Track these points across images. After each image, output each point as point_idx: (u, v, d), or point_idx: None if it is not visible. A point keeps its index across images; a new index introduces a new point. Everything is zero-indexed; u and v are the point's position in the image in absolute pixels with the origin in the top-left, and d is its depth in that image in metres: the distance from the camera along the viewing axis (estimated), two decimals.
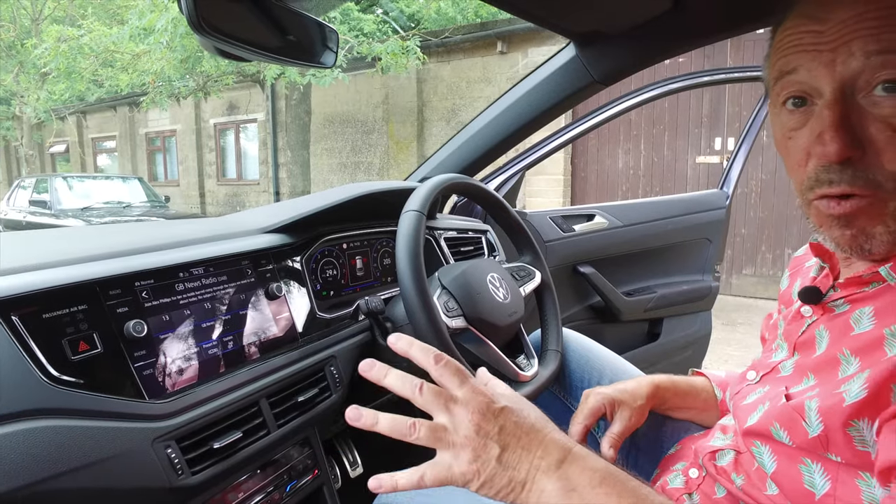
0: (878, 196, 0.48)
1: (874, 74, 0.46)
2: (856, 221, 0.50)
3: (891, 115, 0.46)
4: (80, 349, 0.62)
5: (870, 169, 0.47)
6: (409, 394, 0.53)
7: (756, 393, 0.67)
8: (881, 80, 0.46)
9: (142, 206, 7.75)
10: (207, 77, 8.26)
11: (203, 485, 0.69)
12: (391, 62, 6.81)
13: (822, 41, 0.48)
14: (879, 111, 0.46)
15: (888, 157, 0.46)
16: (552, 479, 0.49)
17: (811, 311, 0.62)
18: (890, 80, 0.45)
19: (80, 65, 8.30)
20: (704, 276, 1.98)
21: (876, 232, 0.50)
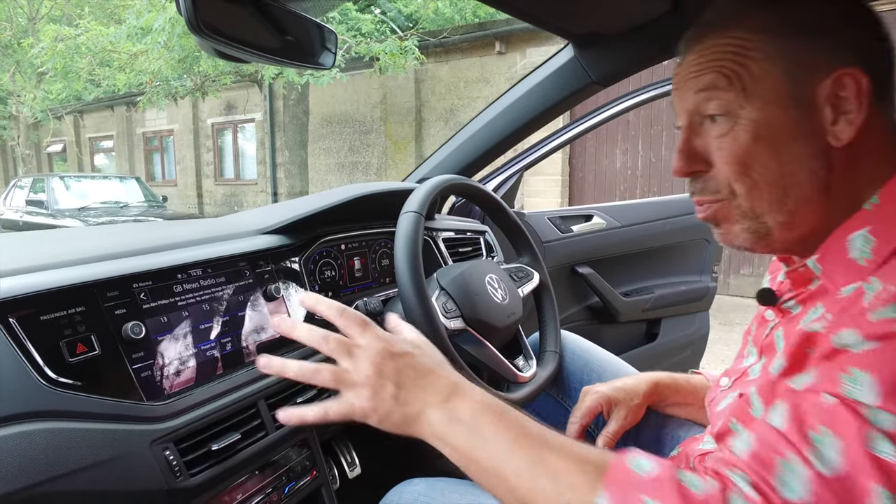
0: (723, 202, 0.58)
1: (703, 107, 0.57)
2: (719, 223, 0.60)
3: (717, 135, 0.56)
4: (77, 351, 0.62)
5: (713, 180, 0.58)
6: (316, 343, 0.59)
7: (727, 398, 0.68)
8: (708, 112, 0.56)
9: (139, 206, 7.73)
10: (205, 77, 8.25)
11: (201, 487, 0.69)
12: (389, 62, 6.81)
13: (678, 80, 0.60)
14: (712, 133, 0.57)
15: (720, 169, 0.56)
16: (438, 411, 0.55)
17: (773, 315, 0.65)
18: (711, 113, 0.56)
19: (77, 64, 8.28)
20: (702, 277, 1.98)
21: (736, 230, 0.58)
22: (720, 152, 0.56)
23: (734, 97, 0.54)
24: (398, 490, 0.81)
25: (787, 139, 0.54)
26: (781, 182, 0.54)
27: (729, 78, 0.54)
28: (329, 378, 0.57)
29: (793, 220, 0.56)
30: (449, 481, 0.80)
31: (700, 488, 0.45)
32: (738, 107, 0.54)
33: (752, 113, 0.54)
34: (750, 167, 0.55)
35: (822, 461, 0.42)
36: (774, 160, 0.54)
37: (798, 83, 0.53)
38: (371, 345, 0.58)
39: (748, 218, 0.57)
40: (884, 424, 0.40)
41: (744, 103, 0.54)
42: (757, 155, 0.54)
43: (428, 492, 0.78)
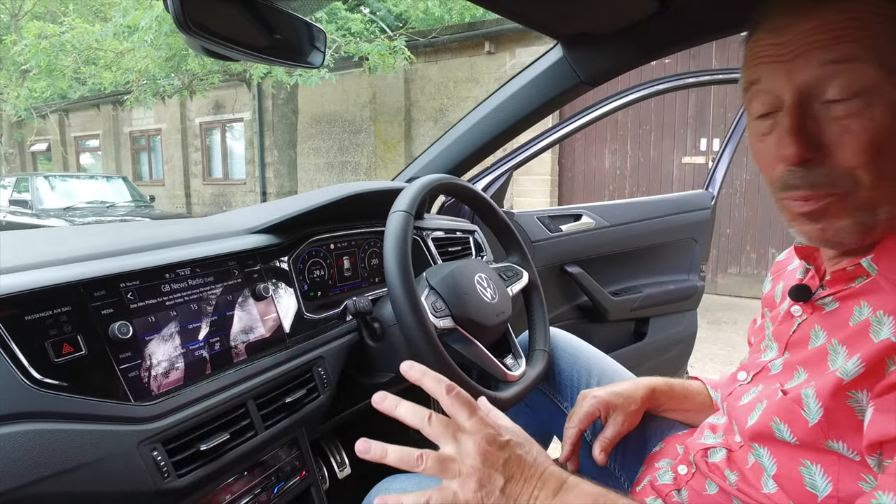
0: (839, 195, 0.52)
1: (829, 82, 0.49)
2: (823, 217, 0.54)
3: (843, 117, 0.49)
4: (63, 351, 0.62)
5: (830, 169, 0.51)
6: (419, 424, 0.55)
7: (750, 393, 0.67)
8: (831, 90, 0.49)
9: (126, 205, 7.64)
10: (193, 76, 8.17)
11: (190, 487, 0.69)
12: (378, 62, 6.79)
13: (781, 52, 0.52)
14: (834, 115, 0.50)
15: (843, 156, 0.50)
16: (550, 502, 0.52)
17: (801, 311, 0.64)
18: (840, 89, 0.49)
19: (61, 62, 8.17)
20: (690, 276, 2.00)
21: (843, 225, 0.53)
22: (847, 137, 0.50)
23: (875, 72, 0.48)
24: (384, 486, 0.80)
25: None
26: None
27: (875, 49, 0.48)
28: (434, 465, 0.54)
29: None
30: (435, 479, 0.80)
31: None
32: (878, 83, 0.48)
33: (892, 93, 0.48)
34: (882, 154, 0.49)
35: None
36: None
37: None
38: (478, 430, 0.54)
39: (863, 210, 0.52)
40: None
41: (886, 82, 0.48)
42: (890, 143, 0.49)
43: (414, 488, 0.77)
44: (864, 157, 0.50)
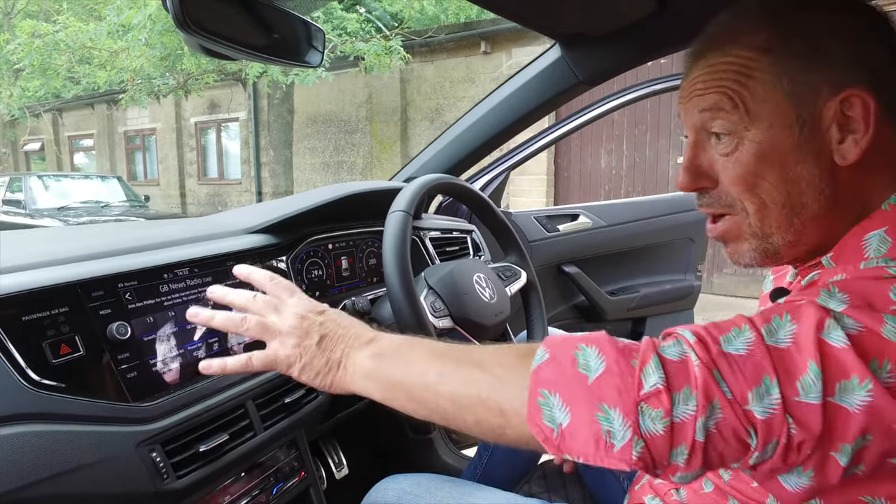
0: (736, 218, 0.58)
1: (708, 125, 0.56)
2: (728, 240, 0.60)
3: (723, 154, 0.56)
4: (61, 352, 0.61)
5: (723, 196, 0.57)
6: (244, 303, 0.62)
7: None
8: (713, 130, 0.56)
9: (121, 205, 7.60)
10: (188, 75, 8.14)
11: (189, 489, 0.68)
12: (374, 62, 6.78)
13: (682, 96, 0.60)
14: (719, 151, 0.56)
15: (729, 185, 0.56)
16: (362, 351, 0.59)
17: None
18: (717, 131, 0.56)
19: (55, 61, 8.12)
20: (687, 276, 2.00)
21: (745, 249, 0.58)
22: (725, 171, 0.56)
23: (738, 118, 0.54)
24: (382, 486, 0.80)
25: (792, 160, 0.53)
26: (789, 202, 0.54)
27: (733, 100, 0.54)
28: (254, 326, 0.60)
29: (800, 238, 0.56)
30: (434, 478, 0.80)
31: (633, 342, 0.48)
32: (742, 128, 0.54)
33: (756, 134, 0.53)
34: (757, 186, 0.54)
35: (771, 335, 0.44)
36: (781, 181, 0.54)
37: (803, 104, 0.52)
38: (297, 302, 0.62)
39: (757, 238, 0.57)
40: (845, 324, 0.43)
41: (748, 124, 0.54)
42: (763, 175, 0.54)
43: (413, 488, 0.77)
44: (743, 187, 0.55)
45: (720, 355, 0.44)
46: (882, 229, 0.52)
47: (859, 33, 0.53)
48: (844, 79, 0.51)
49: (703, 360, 0.44)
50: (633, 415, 0.44)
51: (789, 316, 0.45)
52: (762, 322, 0.45)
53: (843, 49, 0.52)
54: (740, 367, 0.43)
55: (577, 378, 0.46)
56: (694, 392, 0.43)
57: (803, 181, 0.54)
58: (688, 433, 0.43)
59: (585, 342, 0.48)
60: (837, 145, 0.52)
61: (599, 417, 0.45)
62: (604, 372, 0.46)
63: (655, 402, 0.43)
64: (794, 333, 0.44)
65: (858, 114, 0.51)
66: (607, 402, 0.45)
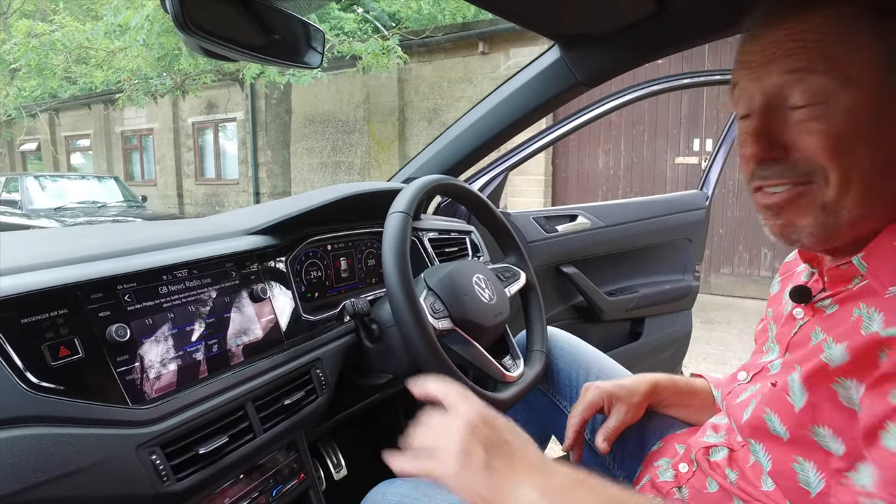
0: (809, 188, 0.54)
1: (791, 89, 0.53)
2: (785, 212, 0.56)
3: (805, 120, 0.52)
4: (60, 355, 0.61)
5: (797, 163, 0.54)
6: None
7: (747, 391, 0.69)
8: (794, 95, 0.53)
9: (118, 206, 7.58)
10: (185, 75, 8.12)
11: (188, 491, 0.68)
12: (372, 62, 6.78)
13: (754, 59, 0.56)
14: (798, 118, 0.53)
15: (808, 154, 0.53)
16: (532, 481, 0.52)
17: (802, 313, 0.64)
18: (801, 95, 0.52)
19: (52, 61, 8.09)
20: (685, 276, 2.01)
21: (804, 224, 0.55)
22: (810, 137, 0.52)
23: (832, 80, 0.51)
24: (380, 490, 0.80)
25: (884, 130, 0.51)
26: (873, 176, 0.51)
27: (829, 61, 0.50)
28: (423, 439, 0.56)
29: (866, 216, 0.53)
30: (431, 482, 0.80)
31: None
32: (835, 90, 0.51)
33: (849, 99, 0.51)
34: (846, 155, 0.51)
35: None
36: (870, 151, 0.51)
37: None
38: (469, 414, 0.56)
39: (826, 210, 0.54)
40: None
41: (843, 88, 0.51)
42: (853, 144, 0.51)
43: (410, 492, 0.77)
44: (829, 154, 0.52)
45: None
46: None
47: None
48: None
49: None
50: None
51: None
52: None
53: None
54: None
55: None
56: None
57: (886, 156, 0.51)
58: None
59: None
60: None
61: None
62: None
63: None
64: None
65: None
66: None
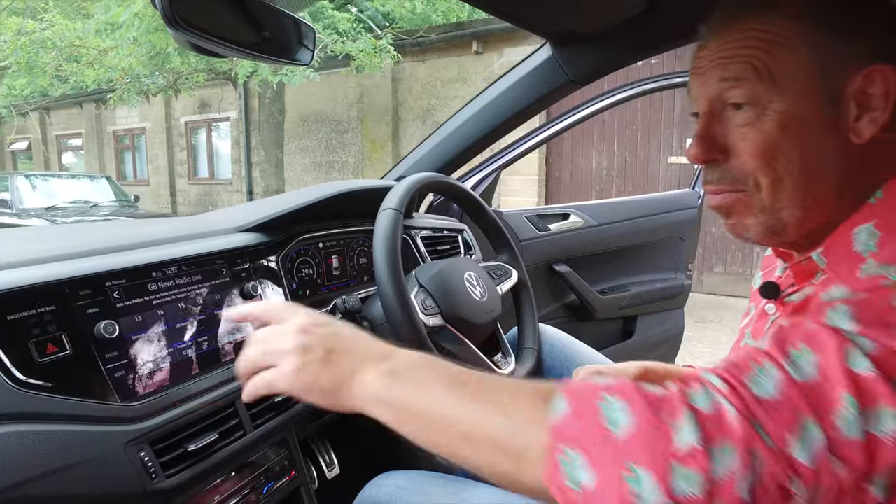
0: (744, 193, 0.57)
1: (727, 95, 0.55)
2: (732, 213, 0.59)
3: (742, 125, 0.55)
4: (47, 351, 0.61)
5: (734, 170, 0.56)
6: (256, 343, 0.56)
7: None
8: (732, 100, 0.55)
9: (110, 205, 7.53)
10: (178, 74, 8.08)
11: (178, 488, 0.68)
12: (365, 61, 6.76)
13: (699, 66, 0.58)
14: (736, 122, 0.55)
15: (743, 159, 0.55)
16: (374, 369, 0.52)
17: (774, 308, 0.65)
18: (736, 102, 0.55)
19: (42, 59, 8.02)
20: (677, 274, 2.01)
21: (749, 223, 0.58)
22: (744, 142, 0.55)
23: (763, 88, 0.53)
24: (376, 483, 0.81)
25: (813, 134, 0.53)
26: (804, 177, 0.54)
27: (758, 70, 0.53)
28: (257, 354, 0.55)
29: (807, 216, 0.55)
30: (428, 475, 0.80)
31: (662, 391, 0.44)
32: (766, 98, 0.53)
33: (780, 105, 0.53)
34: (775, 160, 0.54)
35: (796, 369, 0.42)
36: (800, 154, 0.53)
37: (829, 76, 0.52)
38: (300, 318, 0.57)
39: (766, 212, 0.56)
40: (864, 347, 0.41)
41: (773, 95, 0.53)
42: (783, 148, 0.53)
43: (407, 484, 0.78)
44: (761, 161, 0.54)
45: (754, 402, 0.41)
46: (871, 223, 0.53)
47: (887, 10, 0.53)
48: (870, 54, 0.52)
49: (738, 409, 0.41)
50: (666, 476, 0.39)
51: (806, 345, 0.43)
52: (781, 355, 0.43)
53: (873, 25, 0.52)
54: (777, 411, 0.40)
55: (602, 434, 0.42)
56: (735, 447, 0.40)
57: (821, 156, 0.53)
58: (730, 492, 0.39)
59: (608, 391, 0.44)
60: (854, 122, 0.53)
61: (628, 479, 0.40)
62: (632, 427, 0.42)
63: (690, 462, 0.40)
64: (818, 365, 0.42)
65: (879, 91, 0.52)
66: (636, 460, 0.40)
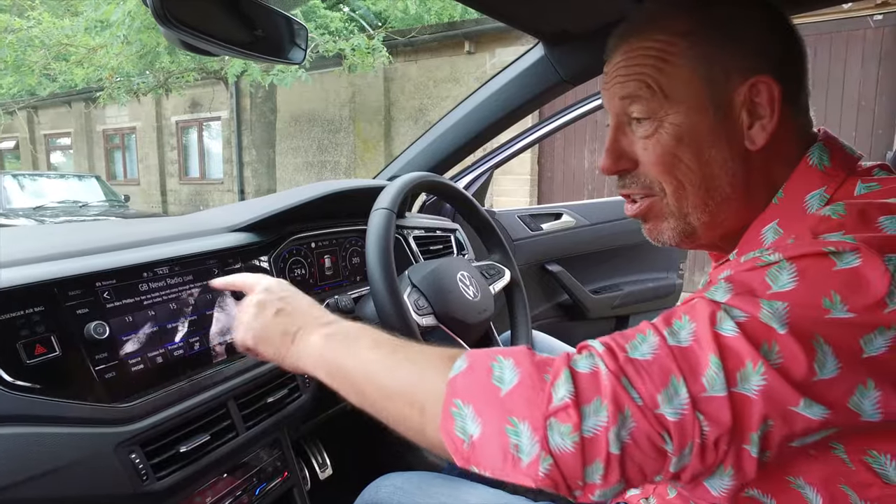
0: (655, 199, 0.60)
1: (628, 110, 0.59)
2: (647, 220, 0.62)
3: (643, 137, 0.58)
4: (36, 353, 0.60)
5: (642, 176, 0.60)
6: None
7: None
8: (633, 115, 0.58)
9: (100, 205, 7.46)
10: (168, 73, 8.02)
11: (169, 490, 0.67)
12: (357, 61, 6.74)
13: (605, 81, 0.62)
14: (638, 134, 0.59)
15: (649, 168, 0.59)
16: (317, 331, 0.60)
17: None
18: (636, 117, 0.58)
19: (29, 58, 7.93)
20: (669, 274, 2.02)
21: (663, 227, 0.61)
22: (646, 153, 0.58)
23: (657, 103, 0.56)
24: (376, 485, 0.81)
25: (708, 143, 0.56)
26: (704, 183, 0.57)
27: (651, 88, 0.56)
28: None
29: (715, 220, 0.59)
30: (426, 475, 0.81)
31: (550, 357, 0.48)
32: (661, 111, 0.56)
33: (674, 117, 0.56)
34: (675, 168, 0.57)
35: (672, 335, 0.45)
36: (697, 162, 0.56)
37: (717, 88, 0.55)
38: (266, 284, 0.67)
39: (675, 217, 0.60)
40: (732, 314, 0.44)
41: (667, 108, 0.56)
42: (681, 157, 0.57)
43: (405, 485, 0.78)
44: (661, 168, 0.58)
45: (627, 362, 0.44)
46: (774, 222, 0.56)
47: (765, 25, 0.56)
48: (753, 66, 0.55)
49: (611, 369, 0.44)
50: (542, 430, 0.43)
51: (687, 316, 0.46)
52: (664, 325, 0.46)
53: (753, 38, 0.56)
54: (647, 371, 0.43)
55: (490, 390, 0.46)
56: (604, 403, 0.42)
57: (717, 163, 0.56)
58: (601, 447, 0.42)
59: (503, 354, 0.48)
60: (747, 130, 0.56)
61: (508, 431, 0.44)
62: (516, 385, 0.45)
63: (564, 417, 0.42)
64: (693, 331, 0.44)
65: (765, 99, 0.55)
66: (517, 415, 0.44)
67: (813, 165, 0.56)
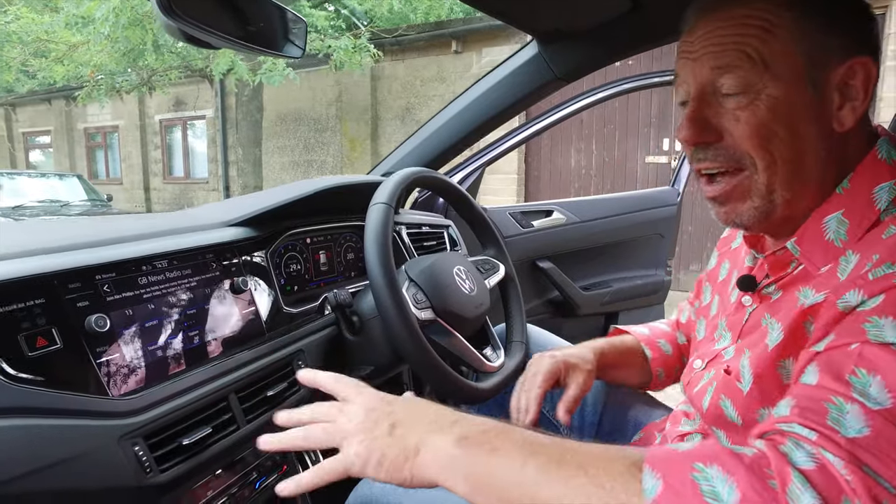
0: (742, 175, 0.58)
1: (720, 81, 0.57)
2: (727, 201, 0.61)
3: (734, 109, 0.56)
4: (37, 345, 0.59)
5: (728, 148, 0.58)
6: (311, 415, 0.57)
7: (703, 379, 0.71)
8: (724, 87, 0.57)
9: (82, 205, 7.32)
10: (152, 71, 7.91)
11: (172, 483, 0.67)
12: (344, 59, 6.72)
13: (690, 51, 0.59)
14: (728, 107, 0.57)
15: (739, 140, 0.57)
16: (445, 435, 0.50)
17: (751, 300, 0.67)
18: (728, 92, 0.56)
19: (7, 54, 7.78)
20: (657, 271, 2.05)
21: (744, 208, 0.59)
22: (738, 125, 0.56)
23: (756, 74, 0.55)
24: (367, 481, 0.81)
25: (802, 119, 0.55)
26: (795, 160, 0.56)
27: (751, 58, 0.54)
28: (321, 434, 0.54)
29: (794, 199, 0.58)
30: None
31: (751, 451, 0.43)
32: (759, 84, 0.55)
33: (773, 91, 0.54)
34: (769, 141, 0.55)
35: (867, 398, 0.41)
36: (790, 138, 0.55)
37: (816, 65, 0.54)
38: (365, 398, 0.56)
39: (761, 195, 0.58)
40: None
41: (766, 81, 0.54)
42: (776, 131, 0.55)
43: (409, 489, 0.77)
44: (756, 141, 0.56)
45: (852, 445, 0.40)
46: (839, 212, 0.56)
47: (862, 6, 0.56)
48: (851, 46, 0.54)
49: (845, 460, 0.39)
50: None
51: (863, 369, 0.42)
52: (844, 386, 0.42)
53: (853, 19, 0.55)
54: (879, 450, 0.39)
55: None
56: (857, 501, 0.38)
57: (809, 141, 0.56)
58: None
59: (702, 461, 0.41)
60: (837, 111, 0.55)
61: None
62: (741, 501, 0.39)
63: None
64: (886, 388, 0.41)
65: (860, 82, 0.54)
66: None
67: (882, 158, 0.56)
